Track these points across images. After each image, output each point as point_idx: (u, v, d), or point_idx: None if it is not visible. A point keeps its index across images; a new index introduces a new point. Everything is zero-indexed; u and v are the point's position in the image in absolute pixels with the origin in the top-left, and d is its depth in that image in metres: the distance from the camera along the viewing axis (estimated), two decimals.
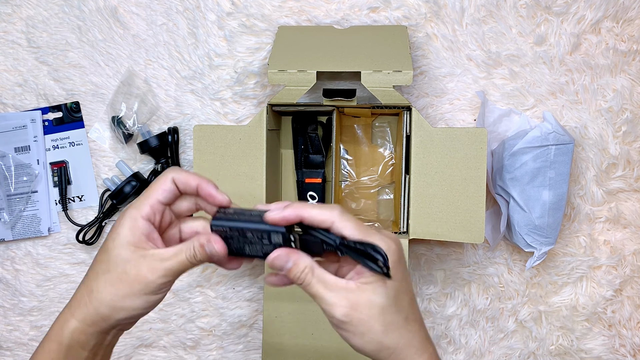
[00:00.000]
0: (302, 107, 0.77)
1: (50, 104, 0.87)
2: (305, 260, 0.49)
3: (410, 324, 0.49)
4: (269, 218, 0.48)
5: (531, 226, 0.78)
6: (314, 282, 0.48)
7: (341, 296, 0.47)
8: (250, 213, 0.50)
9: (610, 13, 0.80)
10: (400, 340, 0.48)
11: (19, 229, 0.88)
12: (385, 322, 0.47)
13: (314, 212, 0.48)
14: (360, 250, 0.47)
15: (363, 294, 0.47)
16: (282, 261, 0.49)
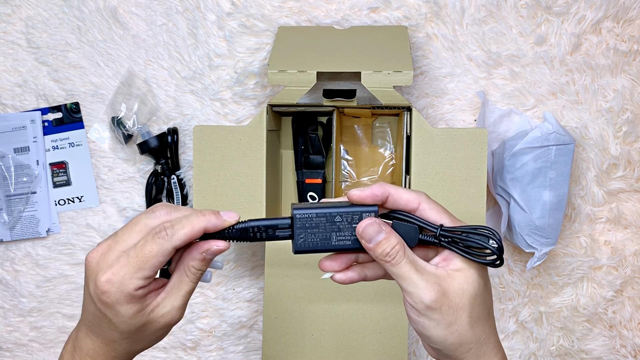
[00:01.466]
0: (302, 107, 0.76)
1: (50, 104, 0.87)
2: (397, 236, 0.45)
3: (491, 318, 0.47)
4: (354, 196, 0.46)
5: (532, 227, 0.78)
6: (405, 262, 0.44)
7: (432, 281, 0.44)
8: (328, 203, 0.47)
9: (610, 13, 0.80)
10: (482, 335, 0.46)
11: (17, 230, 0.87)
12: (472, 313, 0.45)
13: (401, 191, 0.46)
14: (467, 236, 0.44)
15: (454, 281, 0.44)
16: (373, 231, 0.45)
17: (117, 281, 0.43)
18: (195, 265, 0.46)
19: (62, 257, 0.88)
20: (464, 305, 0.45)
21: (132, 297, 0.44)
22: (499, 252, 0.44)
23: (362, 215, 0.46)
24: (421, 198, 0.46)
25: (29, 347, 0.90)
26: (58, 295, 0.89)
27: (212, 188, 0.74)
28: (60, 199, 0.88)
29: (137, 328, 0.46)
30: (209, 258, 0.47)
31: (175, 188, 0.84)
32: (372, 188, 0.45)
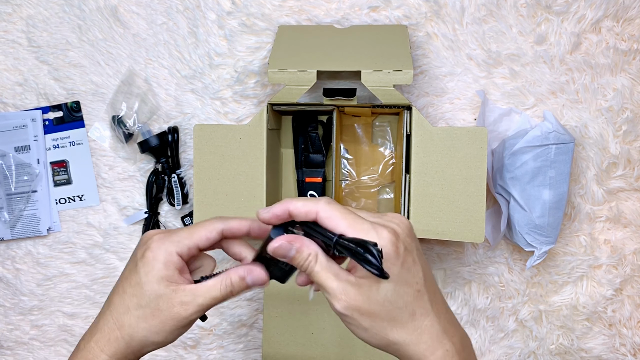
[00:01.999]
0: (303, 106, 0.77)
1: (51, 103, 0.87)
2: (310, 247, 0.46)
3: (418, 319, 0.46)
4: (260, 216, 0.47)
5: (531, 225, 0.78)
6: (317, 269, 0.45)
7: (342, 288, 0.45)
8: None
9: (610, 12, 0.80)
10: (407, 337, 0.46)
11: (18, 229, 0.88)
12: (388, 317, 0.45)
13: (299, 204, 0.45)
14: (353, 250, 0.43)
15: (361, 290, 0.44)
16: (284, 249, 0.46)
17: (165, 242, 0.49)
18: (233, 279, 0.49)
19: (63, 255, 0.89)
20: (375, 311, 0.45)
21: (170, 261, 0.48)
22: (377, 270, 0.41)
23: (270, 238, 0.47)
24: (318, 207, 0.45)
25: (29, 346, 0.90)
26: (59, 293, 0.89)
27: (212, 187, 0.74)
28: (60, 197, 0.88)
29: (157, 297, 0.48)
30: (248, 282, 0.50)
31: (175, 187, 0.84)
32: (273, 209, 0.46)
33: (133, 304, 0.48)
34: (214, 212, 0.74)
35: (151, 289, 0.48)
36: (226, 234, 0.51)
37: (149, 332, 0.48)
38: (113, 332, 0.49)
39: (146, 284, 0.48)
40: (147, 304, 0.48)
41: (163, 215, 0.87)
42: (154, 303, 0.48)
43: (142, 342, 0.49)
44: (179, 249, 0.49)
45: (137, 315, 0.48)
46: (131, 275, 0.49)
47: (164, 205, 0.87)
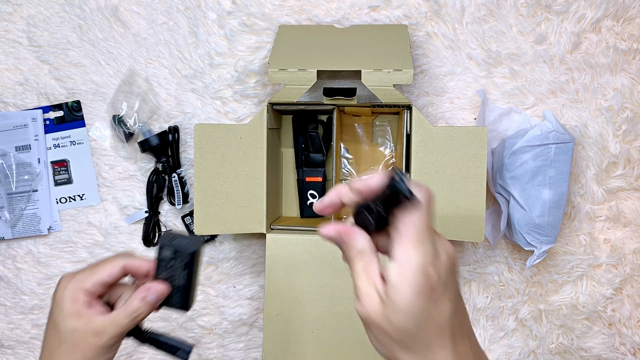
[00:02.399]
0: (303, 105, 0.77)
1: (51, 102, 0.87)
2: (359, 242, 0.44)
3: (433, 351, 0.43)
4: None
5: (531, 225, 0.78)
6: (358, 267, 0.44)
7: (368, 295, 0.43)
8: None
9: (610, 12, 0.80)
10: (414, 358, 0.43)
11: (19, 228, 0.88)
12: (402, 342, 0.42)
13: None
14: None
15: (383, 306, 0.42)
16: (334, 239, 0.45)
17: (70, 282, 0.53)
18: (134, 304, 0.53)
19: (64, 254, 0.89)
20: (390, 332, 0.42)
21: (76, 298, 0.52)
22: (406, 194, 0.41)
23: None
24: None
25: (30, 345, 0.90)
26: None
27: (212, 186, 0.75)
28: (61, 197, 0.88)
29: (72, 332, 0.52)
30: (150, 300, 0.53)
31: (176, 186, 0.84)
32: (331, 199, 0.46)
33: (55, 342, 0.53)
34: (214, 212, 0.75)
35: (65, 326, 0.52)
36: (128, 271, 0.54)
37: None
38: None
39: (60, 323, 0.52)
40: (65, 339, 0.52)
41: (164, 215, 0.87)
42: (71, 338, 0.52)
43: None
44: (83, 286, 0.53)
45: (61, 352, 0.52)
46: (50, 317, 0.54)
47: (165, 205, 0.87)
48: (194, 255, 0.53)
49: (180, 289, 0.54)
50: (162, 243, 0.53)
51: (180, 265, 0.53)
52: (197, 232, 0.75)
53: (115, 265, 0.54)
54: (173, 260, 0.53)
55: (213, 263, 0.87)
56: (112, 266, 0.54)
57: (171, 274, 0.53)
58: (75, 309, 0.52)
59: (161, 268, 0.53)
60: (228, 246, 0.87)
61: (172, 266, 0.53)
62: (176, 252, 0.52)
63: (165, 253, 0.52)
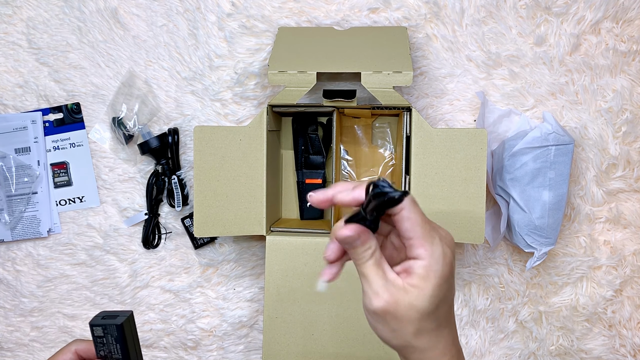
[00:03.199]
0: (303, 107, 0.77)
1: (51, 105, 0.87)
2: (372, 241, 0.47)
3: (440, 329, 0.48)
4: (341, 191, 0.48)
5: (531, 226, 0.78)
6: (370, 263, 0.47)
7: (386, 288, 0.46)
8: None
9: (610, 13, 0.80)
10: (426, 344, 0.48)
11: (19, 230, 0.88)
12: (418, 326, 0.46)
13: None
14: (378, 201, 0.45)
15: (407, 295, 0.45)
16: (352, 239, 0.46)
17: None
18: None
19: (63, 257, 0.89)
20: (411, 318, 0.46)
21: None
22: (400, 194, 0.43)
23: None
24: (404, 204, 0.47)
25: (30, 347, 0.90)
26: (59, 295, 0.89)
27: (212, 188, 0.75)
28: (61, 199, 0.88)
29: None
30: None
31: (176, 188, 0.84)
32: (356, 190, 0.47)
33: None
34: (214, 213, 0.75)
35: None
36: (81, 355, 0.56)
37: None
38: None
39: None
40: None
41: (163, 217, 0.87)
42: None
43: None
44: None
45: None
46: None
47: (164, 207, 0.87)
48: (121, 328, 0.54)
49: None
50: (92, 322, 0.54)
51: (112, 340, 0.54)
52: (197, 234, 0.75)
53: (67, 352, 0.55)
54: (104, 337, 0.54)
55: (213, 265, 0.87)
56: (66, 354, 0.55)
57: (108, 350, 0.55)
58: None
59: (98, 346, 0.55)
60: (228, 248, 0.87)
61: (106, 343, 0.55)
62: (105, 329, 0.54)
63: (97, 332, 0.54)
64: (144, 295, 0.88)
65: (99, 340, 0.55)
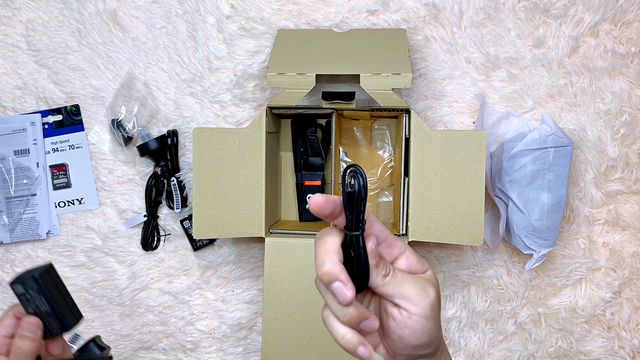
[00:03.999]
0: (302, 109, 0.77)
1: (50, 107, 0.87)
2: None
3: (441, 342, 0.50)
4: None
5: (530, 228, 0.78)
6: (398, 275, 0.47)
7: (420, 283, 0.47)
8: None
9: (608, 16, 0.80)
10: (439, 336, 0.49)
11: (17, 232, 0.88)
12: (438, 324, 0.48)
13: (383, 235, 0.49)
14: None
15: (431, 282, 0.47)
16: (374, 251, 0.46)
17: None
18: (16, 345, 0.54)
19: (62, 259, 0.89)
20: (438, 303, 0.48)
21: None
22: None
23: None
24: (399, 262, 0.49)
25: None
26: None
27: (211, 190, 0.75)
28: (60, 201, 0.88)
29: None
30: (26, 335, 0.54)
31: (175, 190, 0.84)
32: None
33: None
34: (213, 215, 0.75)
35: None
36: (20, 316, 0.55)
37: None
38: None
39: None
40: None
41: (162, 219, 0.87)
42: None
43: None
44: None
45: None
46: None
47: (164, 209, 0.87)
48: (38, 280, 0.53)
49: (50, 315, 0.54)
50: (10, 282, 0.54)
51: (34, 294, 0.53)
52: (196, 236, 0.75)
53: (7, 317, 0.55)
54: (26, 293, 0.54)
55: (212, 267, 0.87)
56: (5, 319, 0.55)
57: (34, 304, 0.54)
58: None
59: (24, 304, 0.54)
60: (227, 250, 0.87)
61: (30, 298, 0.54)
62: (24, 284, 0.53)
63: (18, 289, 0.54)
64: (143, 297, 0.88)
65: (23, 297, 0.54)
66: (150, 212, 0.86)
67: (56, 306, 0.54)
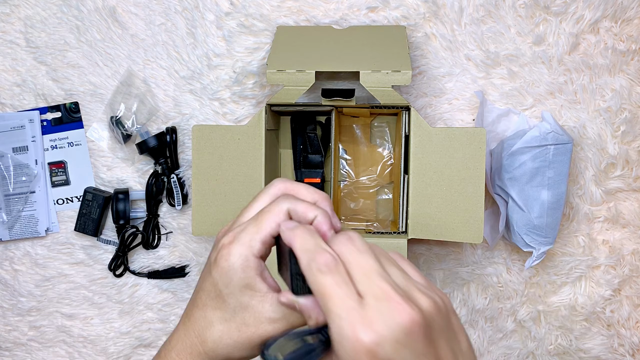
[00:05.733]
0: (301, 107, 0.77)
1: (49, 104, 0.87)
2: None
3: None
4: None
5: (530, 226, 0.78)
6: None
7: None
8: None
9: (608, 13, 0.80)
10: None
11: (16, 229, 0.87)
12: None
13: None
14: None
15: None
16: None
17: (236, 243, 0.43)
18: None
19: (61, 256, 0.88)
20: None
21: (247, 266, 0.43)
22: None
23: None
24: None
25: (27, 347, 0.90)
26: (57, 294, 0.89)
27: (211, 187, 0.74)
28: (59, 198, 0.88)
29: (242, 310, 0.43)
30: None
31: (175, 187, 0.84)
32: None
33: (216, 317, 0.44)
34: (212, 213, 0.74)
35: (235, 301, 0.43)
36: (292, 215, 0.43)
37: (234, 348, 0.44)
38: (195, 347, 0.45)
39: (228, 297, 0.43)
40: (231, 317, 0.43)
41: (162, 217, 0.87)
42: (240, 317, 0.43)
43: (225, 357, 0.45)
44: (254, 249, 0.43)
45: (221, 330, 0.44)
46: (210, 286, 0.44)
47: (163, 207, 0.87)
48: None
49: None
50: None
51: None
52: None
53: (279, 213, 0.43)
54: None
55: None
56: (275, 213, 0.43)
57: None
58: (248, 281, 0.43)
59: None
60: None
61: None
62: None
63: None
64: (142, 295, 0.88)
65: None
66: (150, 211, 0.86)
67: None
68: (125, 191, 0.85)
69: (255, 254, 0.43)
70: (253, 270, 0.43)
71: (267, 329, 0.43)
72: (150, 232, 0.86)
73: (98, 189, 0.87)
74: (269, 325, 0.43)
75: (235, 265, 0.42)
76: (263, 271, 0.44)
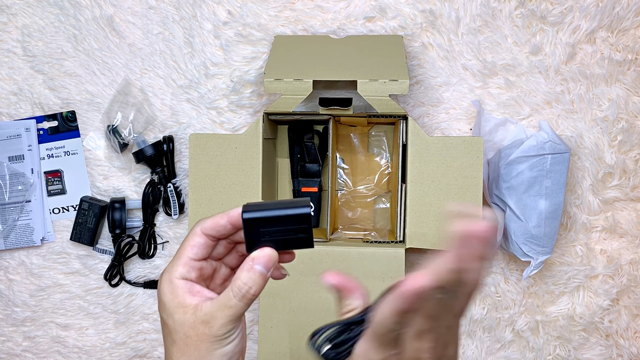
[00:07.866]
0: (299, 116, 0.76)
1: (46, 112, 0.87)
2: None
3: None
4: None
5: (528, 235, 0.77)
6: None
7: None
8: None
9: (605, 23, 0.80)
10: None
11: (12, 239, 0.87)
12: None
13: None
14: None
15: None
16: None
17: (163, 274, 0.48)
18: (242, 278, 0.46)
19: (57, 266, 0.88)
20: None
21: (174, 288, 0.47)
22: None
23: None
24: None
25: (22, 357, 0.89)
26: (52, 304, 0.88)
27: (207, 196, 0.74)
28: (55, 207, 0.87)
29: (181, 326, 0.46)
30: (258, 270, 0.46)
31: (172, 196, 0.84)
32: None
33: (169, 342, 0.48)
34: None
35: (173, 322, 0.47)
36: (207, 233, 0.48)
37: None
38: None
39: (167, 320, 0.47)
40: (177, 337, 0.47)
41: (158, 226, 0.87)
42: (181, 333, 0.46)
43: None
44: (176, 273, 0.47)
45: (175, 351, 0.47)
46: (164, 329, 0.49)
47: (160, 216, 0.87)
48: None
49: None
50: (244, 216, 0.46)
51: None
52: None
53: (193, 237, 0.48)
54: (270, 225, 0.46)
55: None
56: (190, 239, 0.48)
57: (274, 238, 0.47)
58: (177, 300, 0.46)
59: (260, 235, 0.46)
60: None
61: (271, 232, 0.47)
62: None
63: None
64: (138, 305, 0.87)
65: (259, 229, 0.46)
66: (146, 220, 0.85)
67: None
68: (122, 200, 0.85)
69: (177, 277, 0.47)
70: (180, 290, 0.47)
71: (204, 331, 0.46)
72: (147, 242, 0.86)
73: (94, 198, 0.86)
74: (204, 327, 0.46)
75: (166, 290, 0.47)
76: (192, 288, 0.47)
